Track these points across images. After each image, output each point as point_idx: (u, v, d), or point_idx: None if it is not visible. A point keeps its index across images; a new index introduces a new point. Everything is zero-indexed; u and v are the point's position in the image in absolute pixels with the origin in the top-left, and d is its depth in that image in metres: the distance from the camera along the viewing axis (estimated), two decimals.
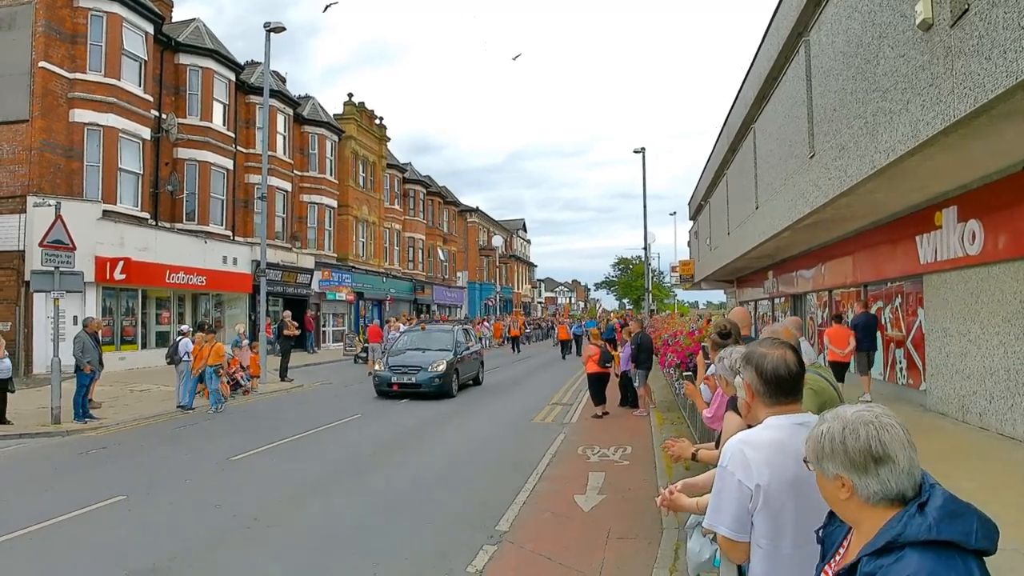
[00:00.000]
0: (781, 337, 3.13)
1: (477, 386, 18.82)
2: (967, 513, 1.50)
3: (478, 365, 19.46)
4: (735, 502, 2.26)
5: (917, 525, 1.48)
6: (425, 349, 17.06)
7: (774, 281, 21.16)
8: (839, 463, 1.60)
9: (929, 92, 6.36)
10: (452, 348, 17.22)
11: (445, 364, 16.19)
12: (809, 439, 1.69)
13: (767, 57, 15.75)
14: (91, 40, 20.95)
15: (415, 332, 19.30)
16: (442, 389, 15.92)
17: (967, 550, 1.45)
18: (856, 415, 1.62)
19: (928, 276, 10.67)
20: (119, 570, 5.50)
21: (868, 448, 1.56)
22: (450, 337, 17.93)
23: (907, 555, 1.45)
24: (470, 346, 19.08)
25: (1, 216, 19.35)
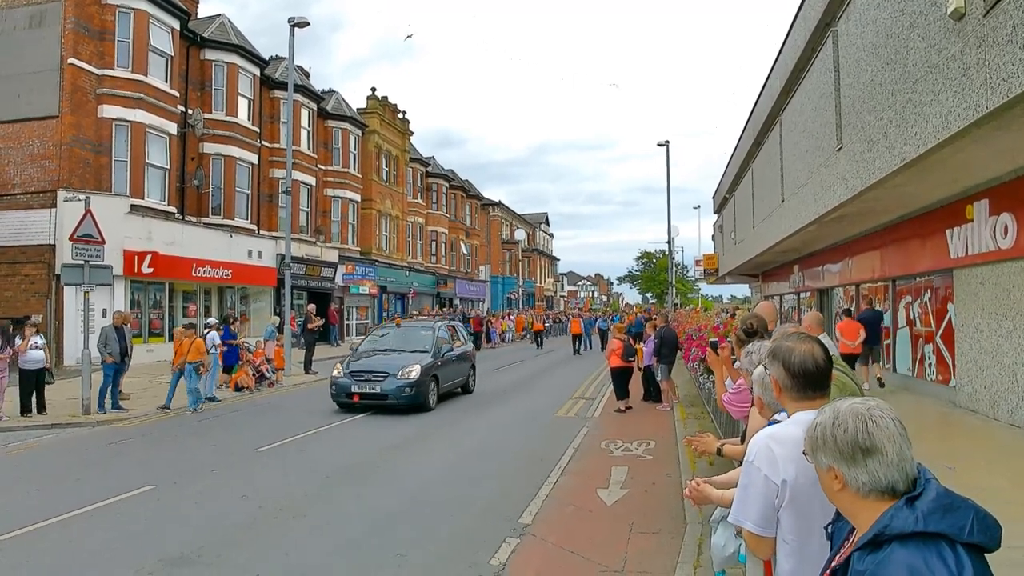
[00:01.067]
0: (811, 329, 3.10)
1: (467, 395, 15.87)
2: (963, 507, 1.49)
3: (468, 369, 16.29)
4: (761, 498, 2.25)
5: (903, 518, 1.48)
6: (398, 351, 14.21)
7: (800, 275, 20.93)
8: (830, 454, 1.62)
9: (961, 83, 6.24)
10: (431, 350, 14.18)
11: (419, 370, 13.21)
12: (807, 431, 1.72)
13: (794, 48, 15.56)
14: (119, 36, 21.23)
15: (388, 330, 16.72)
16: (415, 400, 13.02)
17: (961, 543, 1.43)
18: (848, 407, 1.64)
19: (959, 270, 10.49)
20: (149, 558, 5.59)
21: (855, 439, 1.58)
22: (430, 336, 14.82)
23: (892, 549, 1.45)
24: (456, 347, 15.83)
25: (32, 211, 19.71)
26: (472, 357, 16.93)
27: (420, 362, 13.44)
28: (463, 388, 15.94)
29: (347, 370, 13.52)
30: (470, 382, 16.32)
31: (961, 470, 6.88)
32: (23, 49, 20.33)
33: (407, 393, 12.85)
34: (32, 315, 17.69)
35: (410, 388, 12.89)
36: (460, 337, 16.94)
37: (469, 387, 16.22)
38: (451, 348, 15.25)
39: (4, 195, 20.19)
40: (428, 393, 13.43)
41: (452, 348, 15.40)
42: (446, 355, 14.68)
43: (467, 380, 16.10)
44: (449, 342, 15.43)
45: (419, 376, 13.12)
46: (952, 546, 1.43)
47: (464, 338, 17.39)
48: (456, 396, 15.22)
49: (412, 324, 16.57)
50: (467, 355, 16.52)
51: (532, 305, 63.95)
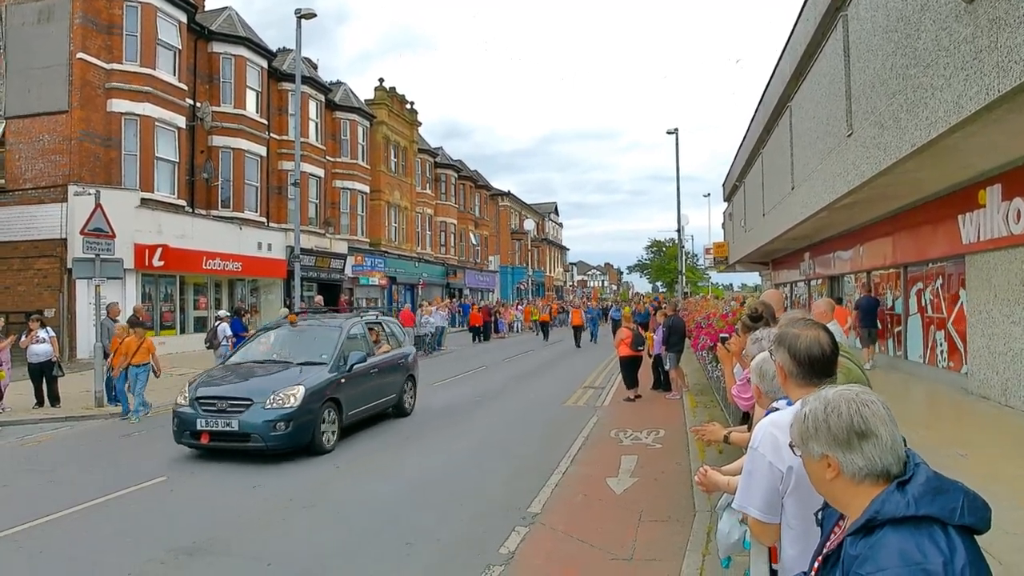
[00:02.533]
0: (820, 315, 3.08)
1: (401, 417, 11.79)
2: (953, 490, 1.49)
3: (401, 383, 11.89)
4: (766, 484, 2.26)
5: (895, 502, 1.48)
6: (282, 363, 10.09)
7: (810, 263, 20.81)
8: (823, 441, 1.61)
9: (973, 66, 6.16)
10: (331, 360, 9.90)
11: (302, 393, 8.92)
12: (793, 423, 1.70)
13: (804, 33, 15.42)
14: (127, 30, 21.28)
15: (279, 331, 11.49)
16: (294, 440, 8.73)
17: (952, 526, 1.44)
18: (837, 394, 1.64)
19: (971, 256, 10.39)
20: (161, 548, 5.65)
21: (851, 424, 1.58)
22: (333, 339, 10.41)
23: (885, 533, 1.46)
24: (380, 353, 11.65)
25: (44, 205, 19.84)
26: (411, 365, 12.59)
27: (306, 381, 9.21)
28: (395, 409, 11.83)
29: (193, 395, 9.13)
30: (405, 400, 12.01)
31: (973, 457, 6.85)
32: (32, 44, 20.42)
33: (281, 431, 8.57)
34: (44, 309, 17.86)
35: (285, 422, 8.59)
36: (391, 338, 12.65)
37: (403, 407, 11.94)
38: (366, 356, 10.68)
39: (16, 190, 20.34)
40: (318, 427, 9.06)
41: (370, 355, 11.02)
42: (355, 367, 10.16)
43: (399, 398, 11.82)
44: (367, 347, 11.20)
45: (301, 402, 8.81)
46: (944, 529, 1.43)
47: (400, 338, 13.13)
48: (382, 422, 11.34)
49: (313, 322, 11.76)
50: (399, 364, 12.08)
51: (542, 295, 63.93)
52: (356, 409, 10.31)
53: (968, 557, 1.41)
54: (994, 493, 5.56)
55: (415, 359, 13.14)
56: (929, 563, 1.38)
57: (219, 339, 14.55)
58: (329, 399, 9.48)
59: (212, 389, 9.30)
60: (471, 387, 15.53)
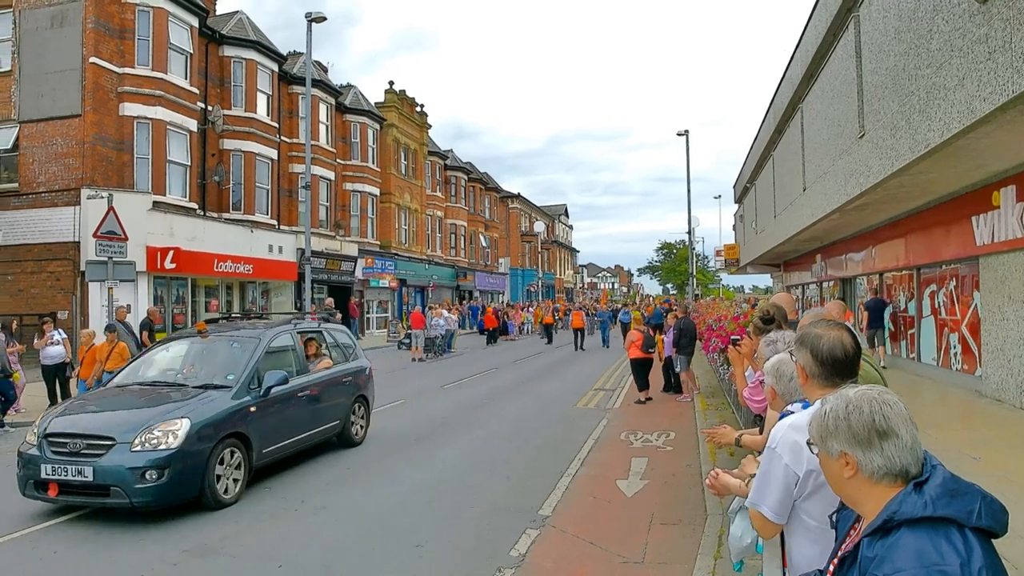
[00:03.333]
0: (832, 318, 3.06)
1: (348, 448, 9.49)
2: (970, 492, 1.49)
3: (348, 406, 9.56)
4: (781, 486, 2.26)
5: (912, 503, 1.48)
6: (177, 386, 7.72)
7: (822, 264, 20.70)
8: (843, 440, 1.61)
9: (986, 66, 6.11)
10: (239, 384, 7.54)
11: (184, 430, 6.66)
12: (812, 420, 1.70)
13: (815, 34, 15.35)
14: (138, 35, 21.42)
15: (183, 343, 8.90)
16: (170, 494, 6.52)
17: (969, 528, 1.44)
18: (859, 394, 1.64)
19: (984, 258, 10.31)
20: (173, 548, 5.68)
21: (872, 422, 1.58)
22: (245, 355, 8.01)
23: (902, 534, 1.46)
24: (319, 369, 9.22)
25: (57, 208, 19.99)
26: (362, 383, 10.21)
27: (194, 412, 6.81)
28: (339, 438, 9.50)
29: (43, 430, 6.82)
30: (351, 428, 9.61)
31: (987, 460, 6.79)
32: (45, 49, 20.59)
33: (152, 481, 6.34)
34: (57, 311, 18.00)
35: (159, 470, 6.36)
36: (337, 351, 10.10)
37: (350, 435, 9.58)
38: (288, 376, 8.13)
39: (29, 193, 20.50)
40: (209, 474, 6.70)
41: (301, 373, 8.71)
42: (274, 390, 7.78)
43: (344, 425, 9.44)
44: (298, 363, 8.81)
45: (184, 441, 6.53)
46: (960, 530, 1.43)
47: (350, 351, 10.46)
48: (317, 457, 8.94)
49: (227, 333, 8.83)
50: (344, 382, 9.69)
51: (552, 297, 63.87)
52: (275, 445, 7.93)
53: (985, 560, 1.40)
54: (1008, 497, 5.51)
55: (369, 375, 10.66)
56: (946, 564, 1.37)
57: None
58: (230, 435, 7.08)
59: (67, 422, 6.88)
60: (481, 389, 15.52)
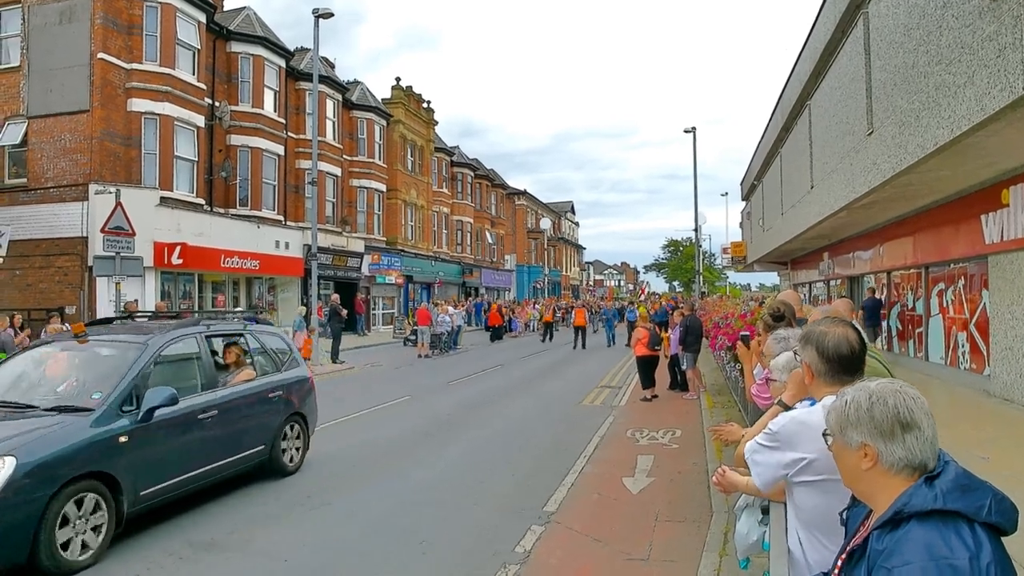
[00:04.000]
0: (840, 315, 3.05)
1: (276, 479, 7.72)
2: (981, 488, 1.51)
3: (276, 427, 7.82)
4: (774, 462, 2.33)
5: (923, 496, 1.49)
6: (22, 407, 5.79)
7: (829, 263, 20.62)
8: (864, 431, 1.61)
9: (996, 63, 6.07)
10: (107, 405, 5.67)
11: (6, 472, 4.78)
12: (832, 411, 1.70)
13: (823, 31, 15.27)
14: (146, 31, 21.48)
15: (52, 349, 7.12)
16: None
17: (979, 523, 1.45)
18: (880, 386, 1.64)
19: (994, 256, 10.25)
20: (179, 542, 5.70)
21: (896, 414, 1.58)
22: (122, 367, 6.12)
23: (911, 527, 1.47)
24: (237, 381, 7.46)
25: (65, 204, 20.08)
26: (297, 398, 8.31)
27: (26, 446, 5.05)
28: (266, 467, 7.74)
29: None
30: (280, 453, 7.90)
31: (995, 460, 6.75)
32: (54, 44, 20.66)
33: None
34: (65, 306, 18.08)
35: None
36: (263, 358, 8.20)
37: (279, 464, 7.85)
38: (198, 386, 6.84)
39: (38, 188, 20.59)
40: (47, 531, 4.97)
41: (210, 385, 7.00)
42: (159, 412, 5.97)
43: (269, 449, 7.70)
44: (205, 375, 7.03)
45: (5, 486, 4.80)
46: (970, 525, 1.44)
47: (281, 358, 8.47)
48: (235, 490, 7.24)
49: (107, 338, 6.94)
50: (271, 398, 7.87)
51: (558, 294, 63.82)
52: (162, 483, 6.09)
53: (994, 555, 1.41)
54: (1016, 497, 5.49)
55: (310, 388, 8.74)
56: (955, 558, 1.38)
57: None
58: (86, 475, 5.31)
59: None
60: (487, 386, 15.53)
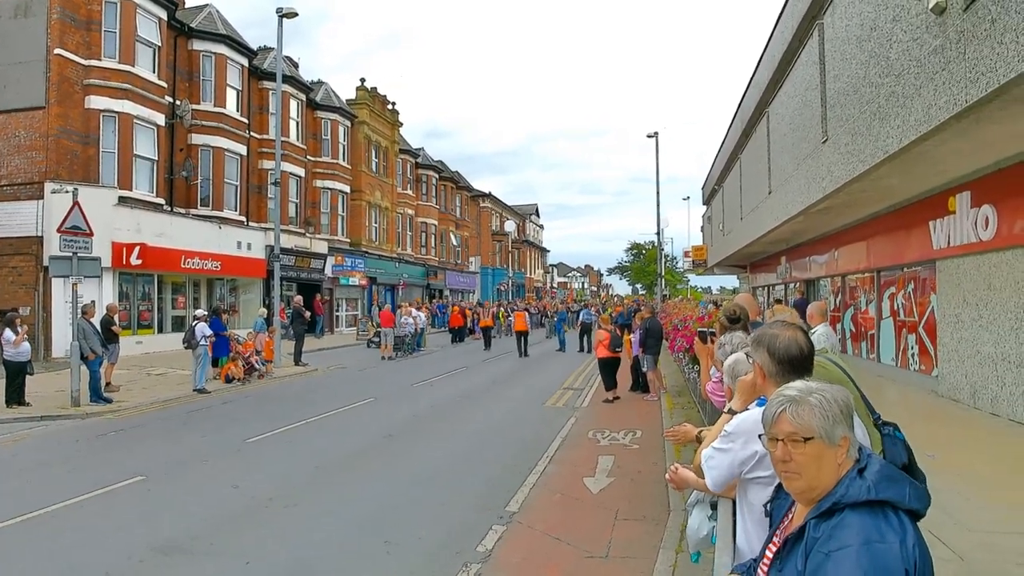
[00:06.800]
0: (789, 320, 3.18)
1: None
2: (902, 479, 1.68)
3: None
4: (727, 462, 2.44)
5: (858, 487, 1.64)
6: None
7: (787, 266, 21.08)
8: (843, 424, 1.73)
9: (942, 76, 6.33)
10: None
11: None
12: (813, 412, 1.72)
13: (781, 41, 15.64)
14: (105, 27, 21.09)
15: None
16: None
17: (902, 509, 1.61)
18: (815, 383, 1.82)
19: (941, 261, 10.62)
20: (140, 546, 5.65)
21: (848, 404, 1.76)
22: None
23: (846, 516, 1.62)
24: None
25: (19, 202, 19.61)
26: None
27: None
28: None
29: None
30: None
31: (942, 458, 7.01)
32: (9, 39, 20.17)
33: None
34: (19, 307, 17.64)
35: None
36: None
37: None
38: None
39: None
40: None
41: None
42: None
43: None
44: None
45: None
46: (895, 512, 1.61)
47: None
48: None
49: None
50: None
51: (523, 296, 63.95)
52: None
53: (916, 537, 1.58)
54: (961, 492, 5.74)
55: None
56: (887, 541, 1.54)
57: (197, 339, 14.45)
58: None
59: None
60: (449, 388, 15.56)
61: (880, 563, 1.50)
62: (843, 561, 1.53)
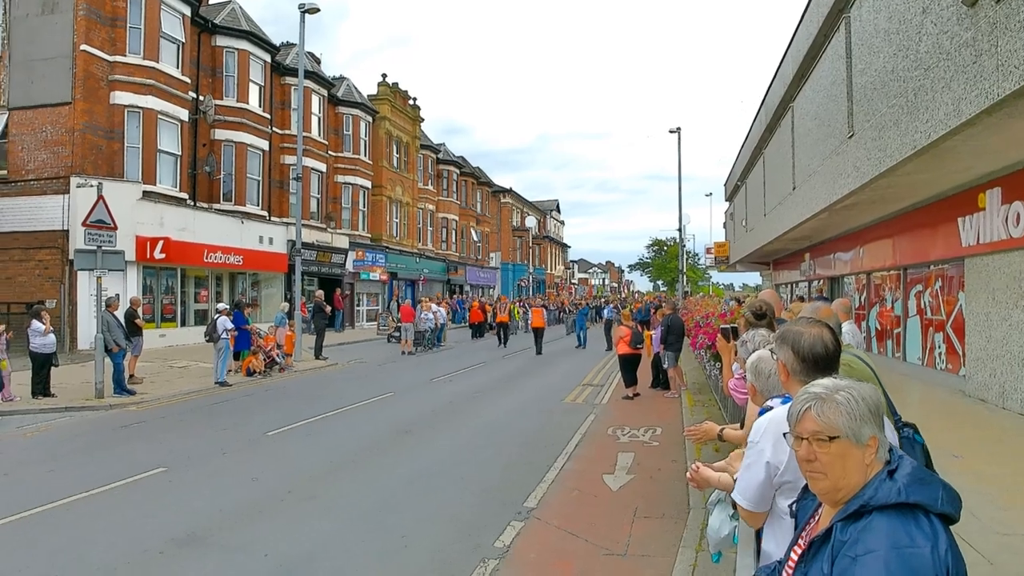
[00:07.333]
0: (819, 317, 3.11)
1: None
2: (934, 481, 1.59)
3: None
4: (762, 477, 2.33)
5: (887, 489, 1.57)
6: None
7: (811, 263, 20.82)
8: (871, 423, 1.66)
9: (973, 69, 6.18)
10: None
11: None
12: (839, 410, 1.66)
13: (806, 35, 15.41)
14: (130, 23, 21.31)
15: None
16: None
17: (934, 513, 1.54)
18: (848, 381, 1.73)
19: (970, 259, 10.41)
20: (160, 537, 5.69)
21: (877, 402, 1.68)
22: None
23: (874, 519, 1.54)
24: None
25: (46, 197, 19.88)
26: None
27: None
28: None
29: None
30: None
31: (968, 459, 6.88)
32: (36, 36, 20.45)
33: None
34: (45, 300, 17.90)
35: None
36: None
37: None
38: None
39: (18, 181, 20.38)
40: None
41: None
42: None
43: None
44: None
45: None
46: (927, 515, 1.53)
47: None
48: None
49: None
50: None
51: (543, 292, 63.83)
52: None
53: (949, 542, 1.50)
54: (987, 494, 5.62)
55: None
56: (917, 546, 1.46)
57: (219, 332, 14.57)
58: None
59: None
60: (469, 383, 15.56)
61: (910, 569, 1.43)
62: (871, 566, 1.46)
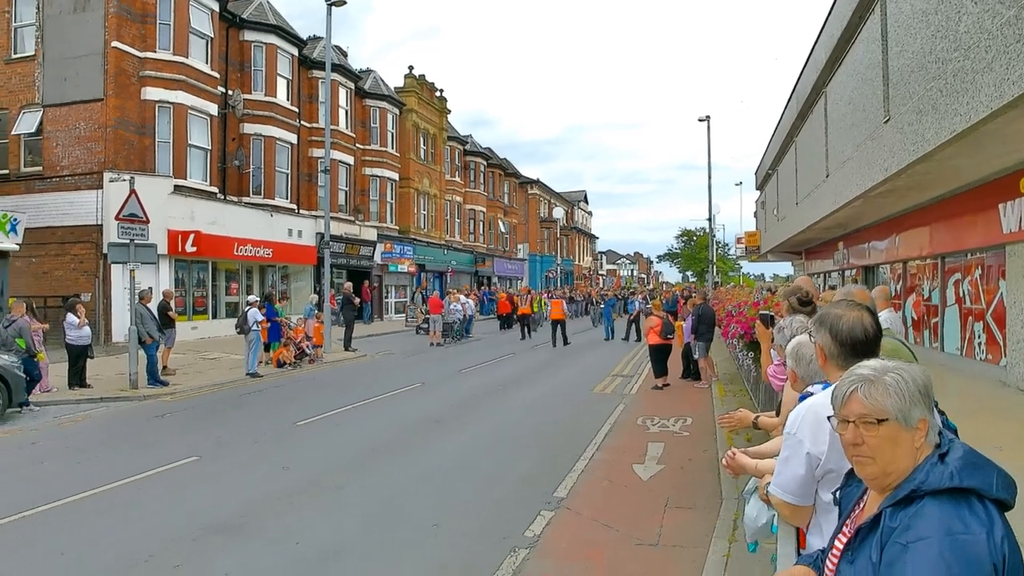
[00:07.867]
0: (855, 299, 3.01)
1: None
2: (987, 465, 1.52)
3: None
4: (802, 469, 2.23)
5: (939, 474, 1.49)
6: None
7: (844, 252, 20.45)
8: (920, 405, 1.59)
9: (1015, 49, 5.97)
10: None
11: None
12: (888, 392, 1.58)
13: (840, 17, 15.08)
14: (160, 19, 21.55)
15: None
16: None
17: (988, 499, 1.46)
18: (896, 363, 1.66)
19: (1011, 246, 10.12)
20: (194, 525, 5.75)
21: (927, 384, 1.60)
22: None
23: (926, 504, 1.47)
24: None
25: (80, 192, 20.24)
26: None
27: None
28: None
29: None
30: None
31: (1009, 450, 6.69)
32: (68, 34, 20.76)
33: None
34: (81, 293, 18.23)
35: None
36: None
37: None
38: None
39: (53, 177, 20.76)
40: None
41: None
42: None
43: None
44: None
45: None
46: (981, 501, 1.46)
47: None
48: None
49: None
50: None
51: (571, 283, 63.63)
52: None
53: (1005, 529, 1.43)
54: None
55: None
56: (971, 533, 1.39)
57: (249, 324, 14.72)
58: None
59: None
60: (497, 374, 15.55)
61: (965, 556, 1.36)
62: (923, 553, 1.39)
